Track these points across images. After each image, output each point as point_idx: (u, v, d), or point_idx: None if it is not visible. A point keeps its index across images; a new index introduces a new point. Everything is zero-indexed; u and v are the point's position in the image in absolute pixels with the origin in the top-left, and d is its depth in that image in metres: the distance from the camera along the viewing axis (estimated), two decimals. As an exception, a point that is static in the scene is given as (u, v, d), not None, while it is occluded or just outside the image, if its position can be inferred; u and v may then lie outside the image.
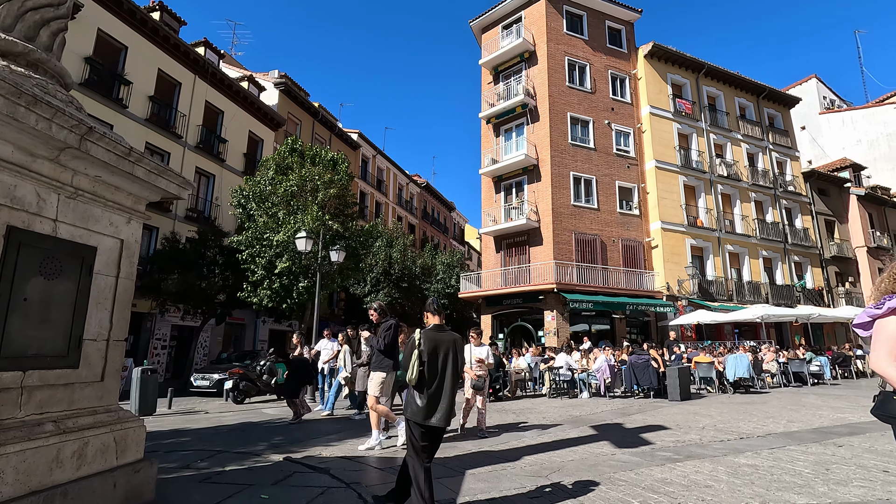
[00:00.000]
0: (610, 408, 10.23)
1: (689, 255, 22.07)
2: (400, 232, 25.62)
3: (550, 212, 20.23)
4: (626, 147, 22.90)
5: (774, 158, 26.80)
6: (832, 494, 4.00)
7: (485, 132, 23.86)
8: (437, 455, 5.02)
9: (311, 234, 13.37)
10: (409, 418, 3.56)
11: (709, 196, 23.63)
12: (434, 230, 40.32)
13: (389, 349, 6.12)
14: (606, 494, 4.10)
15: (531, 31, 22.62)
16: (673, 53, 24.17)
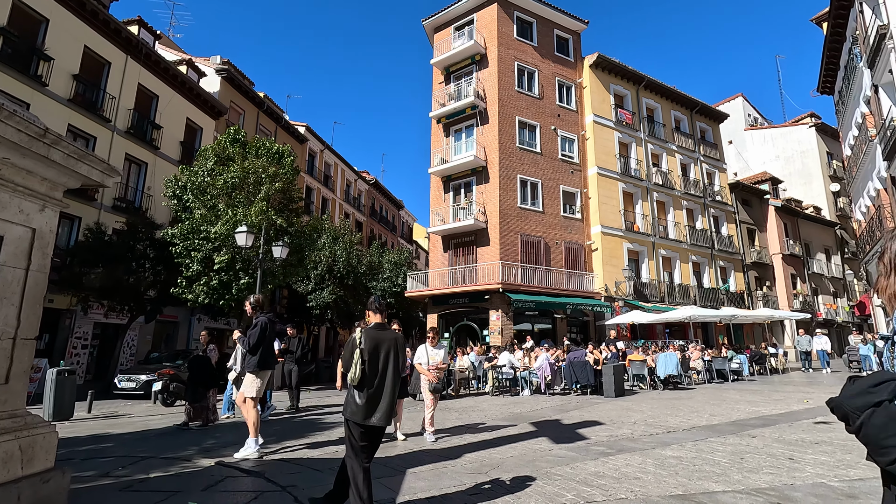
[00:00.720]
0: (549, 405, 10.54)
1: (626, 258, 23.16)
2: (347, 229, 25.16)
3: (498, 213, 20.59)
4: (571, 153, 23.71)
5: (705, 169, 28.66)
6: (745, 481, 4.32)
7: (435, 131, 23.91)
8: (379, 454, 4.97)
9: (252, 228, 12.85)
10: (349, 418, 3.50)
11: (645, 203, 24.91)
12: (382, 228, 39.94)
13: (256, 349, 5.82)
14: (543, 489, 4.22)
15: (483, 34, 22.91)
16: (616, 65, 25.27)
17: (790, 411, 8.72)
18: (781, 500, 3.80)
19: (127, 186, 18.73)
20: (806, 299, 31.29)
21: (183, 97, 21.33)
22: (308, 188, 29.71)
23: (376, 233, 38.23)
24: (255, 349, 5.85)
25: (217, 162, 15.66)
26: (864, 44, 17.07)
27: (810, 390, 12.43)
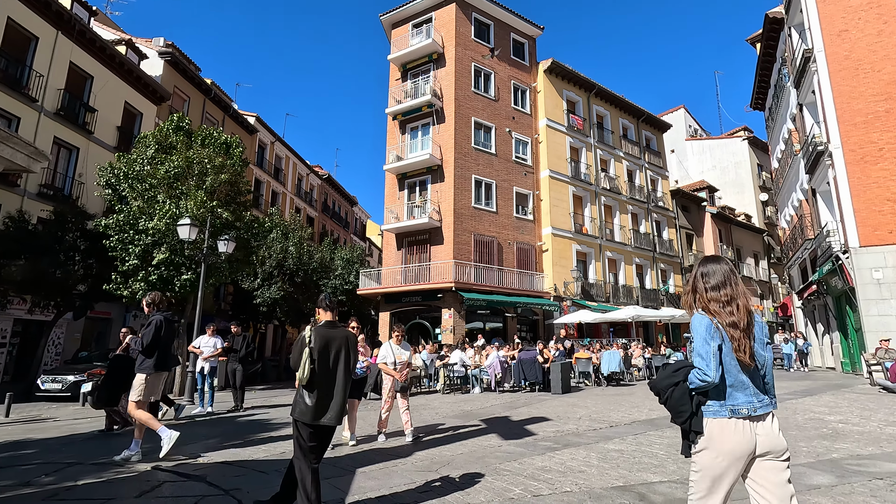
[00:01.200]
0: (499, 402, 10.73)
1: (574, 259, 23.93)
2: (298, 224, 24.45)
3: (452, 212, 20.71)
4: (524, 155, 24.20)
5: (649, 176, 30.06)
6: (680, 472, 4.58)
7: (391, 128, 23.73)
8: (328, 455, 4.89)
9: (196, 221, 12.25)
10: (298, 418, 3.41)
11: (594, 206, 25.82)
12: (334, 224, 39.19)
13: (150, 350, 5.46)
14: (491, 484, 4.29)
15: (441, 33, 22.95)
16: (569, 72, 26.02)
17: (721, 405, 9.30)
18: (712, 488, 4.05)
19: (55, 172, 17.36)
20: (736, 301, 33.47)
21: (121, 79, 20.00)
22: (257, 181, 28.68)
23: (329, 229, 37.47)
24: (149, 350, 5.45)
25: (158, 150, 14.80)
26: (791, 65, 18.49)
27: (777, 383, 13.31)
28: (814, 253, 18.06)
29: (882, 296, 13.67)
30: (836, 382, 13.52)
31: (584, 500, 3.79)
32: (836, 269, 15.04)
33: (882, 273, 13.73)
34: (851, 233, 14.23)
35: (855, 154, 14.50)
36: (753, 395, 2.13)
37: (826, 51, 15.34)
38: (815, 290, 18.29)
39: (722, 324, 2.19)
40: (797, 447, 5.48)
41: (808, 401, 9.63)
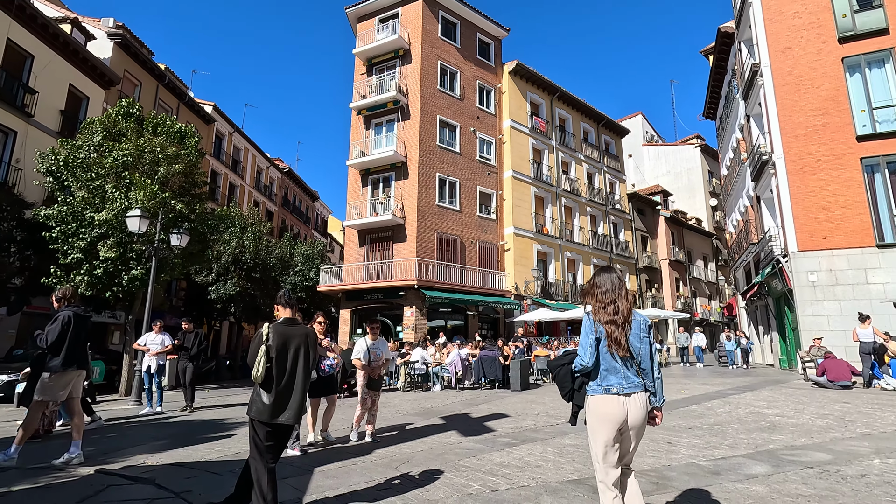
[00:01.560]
0: (459, 399, 10.82)
1: (535, 259, 24.39)
2: (256, 218, 23.76)
3: (416, 210, 20.67)
4: (488, 155, 24.44)
5: (607, 179, 30.99)
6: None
7: (355, 123, 23.42)
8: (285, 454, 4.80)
9: (147, 213, 11.70)
10: (254, 417, 3.34)
11: (555, 207, 26.39)
12: (295, 219, 38.32)
13: (57, 347, 5.20)
14: (451, 481, 4.34)
15: (407, 29, 22.82)
16: (533, 74, 26.44)
17: (670, 401, 9.72)
18: (660, 479, 4.25)
19: (-11, 157, 16.14)
20: (686, 301, 35.08)
21: (66, 60, 18.80)
22: (214, 172, 27.67)
23: (289, 224, 36.61)
24: (55, 347, 5.16)
25: (106, 137, 14.03)
26: (740, 78, 19.49)
27: (687, 382, 13.97)
28: (757, 256, 19.13)
29: (816, 297, 14.64)
30: (775, 378, 14.39)
31: (541, 494, 3.89)
32: (776, 271, 15.99)
33: (816, 276, 14.70)
34: (791, 238, 15.16)
35: (795, 164, 15.44)
36: (624, 377, 2.68)
37: (771, 66, 16.24)
38: (757, 291, 19.38)
39: (601, 321, 2.73)
40: (738, 440, 5.81)
41: (749, 396, 10.20)
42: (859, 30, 15.28)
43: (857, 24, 15.36)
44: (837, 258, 14.51)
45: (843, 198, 14.71)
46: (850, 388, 11.16)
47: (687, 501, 3.67)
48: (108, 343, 19.29)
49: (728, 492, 3.86)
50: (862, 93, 15.07)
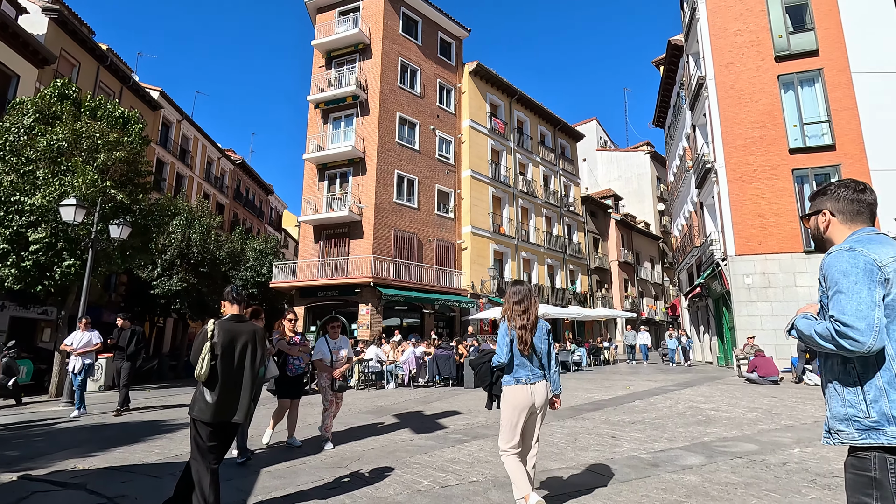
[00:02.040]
0: (413, 397, 10.82)
1: (491, 258, 24.71)
2: (206, 211, 22.77)
3: (373, 206, 20.47)
4: (447, 154, 24.53)
5: (562, 182, 31.81)
6: (577, 459, 4.93)
7: (312, 116, 22.92)
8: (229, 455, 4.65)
9: (84, 202, 10.99)
10: (196, 417, 3.22)
11: (511, 208, 26.83)
12: (247, 213, 37.05)
13: None
14: (401, 478, 4.34)
15: (368, 24, 22.54)
16: (493, 76, 26.75)
17: (616, 396, 10.13)
18: (603, 472, 4.42)
19: None
20: (634, 301, 36.56)
21: (-7, 34, 17.33)
22: (160, 162, 26.33)
23: (241, 217, 35.36)
24: None
25: (39, 119, 13.06)
26: (688, 89, 20.49)
27: (632, 378, 14.57)
28: (699, 259, 20.20)
29: (751, 299, 15.63)
30: (712, 375, 15.25)
31: (489, 489, 3.96)
32: (716, 274, 16.96)
33: (751, 279, 15.70)
34: (729, 242, 16.10)
35: (735, 173, 16.41)
36: (530, 371, 3.36)
37: (716, 79, 17.18)
38: (699, 292, 20.47)
39: (514, 326, 3.38)
40: (677, 433, 6.12)
41: (688, 391, 10.77)
42: (793, 50, 16.41)
43: (791, 45, 16.49)
44: (770, 262, 15.54)
45: (777, 206, 15.77)
46: (777, 383, 11.99)
47: (627, 492, 3.84)
48: (38, 341, 18.00)
49: (665, 482, 4.07)
50: (794, 109, 16.20)
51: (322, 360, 5.74)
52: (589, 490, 3.90)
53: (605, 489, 3.93)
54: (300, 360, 5.77)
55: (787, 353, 13.83)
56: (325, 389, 5.73)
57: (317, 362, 5.76)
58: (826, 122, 15.71)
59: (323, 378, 5.75)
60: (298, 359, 5.75)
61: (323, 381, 5.76)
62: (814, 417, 7.10)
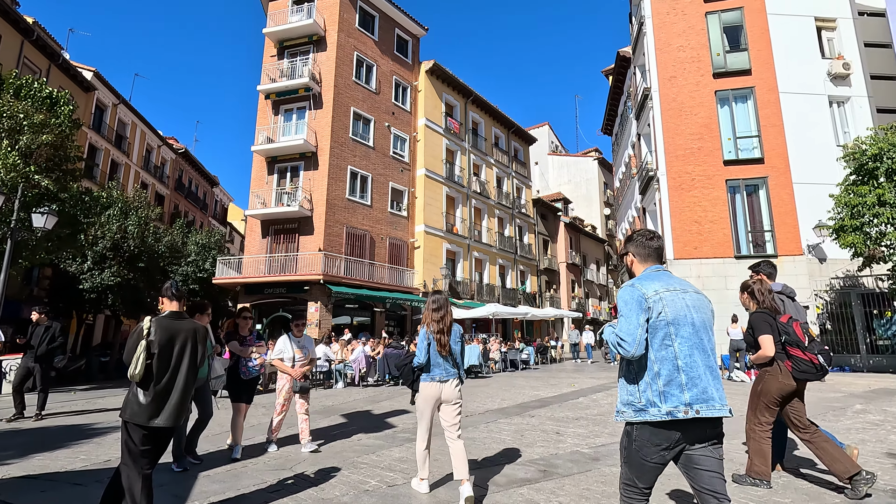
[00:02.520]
0: (362, 396, 10.69)
1: (444, 257, 24.82)
2: (143, 201, 21.45)
3: (325, 202, 20.04)
4: (402, 152, 24.40)
5: (515, 184, 32.43)
6: (523, 454, 5.05)
7: (262, 107, 22.14)
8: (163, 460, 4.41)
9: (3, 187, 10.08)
10: (129, 420, 3.03)
11: (465, 208, 27.06)
12: (190, 205, 35.27)
13: None
14: (348, 478, 4.28)
15: (323, 15, 22.03)
16: (449, 76, 26.86)
17: (561, 394, 10.45)
18: (548, 467, 4.55)
19: None
20: (580, 301, 37.84)
21: None
22: (93, 147, 24.57)
23: (183, 209, 33.60)
24: None
25: (-50, 95, 11.85)
26: (634, 99, 21.44)
27: (577, 376, 15.08)
28: (641, 262, 21.18)
29: (687, 300, 16.58)
30: (650, 372, 16.02)
31: (436, 486, 3.98)
32: (656, 276, 17.85)
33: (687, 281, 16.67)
34: (669, 247, 16.99)
35: (675, 181, 17.34)
36: (444, 370, 3.85)
37: (660, 92, 18.08)
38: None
39: (431, 332, 3.86)
40: (618, 428, 6.38)
41: (629, 388, 11.26)
42: (729, 68, 17.53)
43: (727, 63, 17.61)
44: (705, 266, 16.54)
45: (711, 214, 16.79)
46: (709, 380, 12.75)
47: (570, 486, 3.97)
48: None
49: (605, 476, 4.24)
50: (729, 123, 17.32)
51: (282, 359, 5.49)
52: (534, 484, 4.01)
53: (549, 483, 4.04)
54: (254, 361, 5.36)
55: (719, 351, 14.77)
56: (281, 391, 5.44)
57: (276, 362, 5.49)
58: (756, 137, 16.91)
59: (282, 378, 5.49)
60: (252, 360, 5.34)
61: (281, 381, 5.48)
62: (739, 412, 7.61)
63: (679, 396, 2.11)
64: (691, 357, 2.16)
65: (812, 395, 9.31)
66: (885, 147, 11.83)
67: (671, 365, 2.16)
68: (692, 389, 2.11)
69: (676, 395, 2.11)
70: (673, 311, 2.20)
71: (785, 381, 3.82)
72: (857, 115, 16.85)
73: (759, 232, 16.53)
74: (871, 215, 11.75)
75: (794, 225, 16.14)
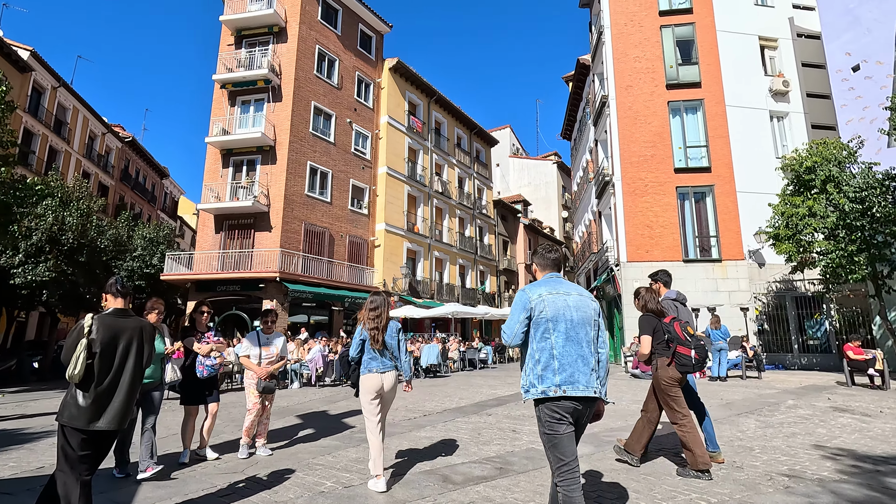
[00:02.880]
0: (319, 396, 10.51)
1: (405, 256, 24.73)
2: (85, 191, 20.19)
3: (283, 198, 19.53)
4: (364, 149, 24.12)
5: (476, 185, 32.70)
6: (480, 453, 5.11)
7: (217, 97, 21.32)
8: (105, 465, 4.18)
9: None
10: (66, 423, 2.85)
11: (426, 207, 27.05)
12: (137, 196, 33.53)
13: None
14: (302, 480, 4.20)
15: (284, 6, 21.46)
16: (413, 74, 26.77)
17: (518, 392, 10.63)
18: (504, 465, 4.62)
19: None
20: (538, 302, 38.62)
21: None
22: (28, 132, 22.95)
23: (129, 201, 31.91)
24: None
25: None
26: (592, 106, 22.08)
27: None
28: (596, 264, 21.86)
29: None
30: (603, 371, 16.56)
31: (393, 486, 3.96)
32: (610, 278, 18.46)
33: (639, 284, 17.31)
34: (622, 250, 17.62)
35: (629, 187, 17.99)
36: (381, 363, 4.12)
37: (617, 100, 18.72)
38: (595, 295, 22.15)
39: (367, 328, 4.14)
40: (570, 425, 6.56)
41: (582, 386, 11.59)
42: (681, 80, 18.36)
43: (679, 75, 18.43)
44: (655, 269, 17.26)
45: (663, 219, 17.54)
46: (657, 378, 13.33)
47: (525, 483, 4.05)
48: None
49: (558, 471, 4.35)
50: (680, 132, 18.14)
51: (248, 355, 5.20)
52: (490, 481, 4.06)
53: (505, 480, 4.11)
54: (213, 359, 5.00)
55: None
56: (250, 392, 5.16)
57: (243, 359, 5.21)
58: (705, 147, 17.79)
59: (248, 377, 5.20)
60: (211, 357, 5.00)
61: (248, 380, 5.20)
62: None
63: (552, 379, 2.59)
64: (565, 348, 2.62)
65: (750, 392, 9.90)
66: (818, 161, 12.73)
67: (548, 353, 2.62)
68: (562, 373, 2.58)
69: (550, 377, 2.59)
70: (553, 310, 2.67)
71: (671, 373, 4.32)
72: (795, 130, 18.04)
73: (705, 237, 17.40)
74: (803, 225, 12.61)
75: (737, 231, 17.10)
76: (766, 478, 4.08)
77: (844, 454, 4.85)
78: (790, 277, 16.12)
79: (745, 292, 16.72)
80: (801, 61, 18.57)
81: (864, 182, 11.74)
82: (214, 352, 5.06)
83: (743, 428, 6.28)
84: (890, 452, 4.93)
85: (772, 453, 4.92)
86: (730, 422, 6.71)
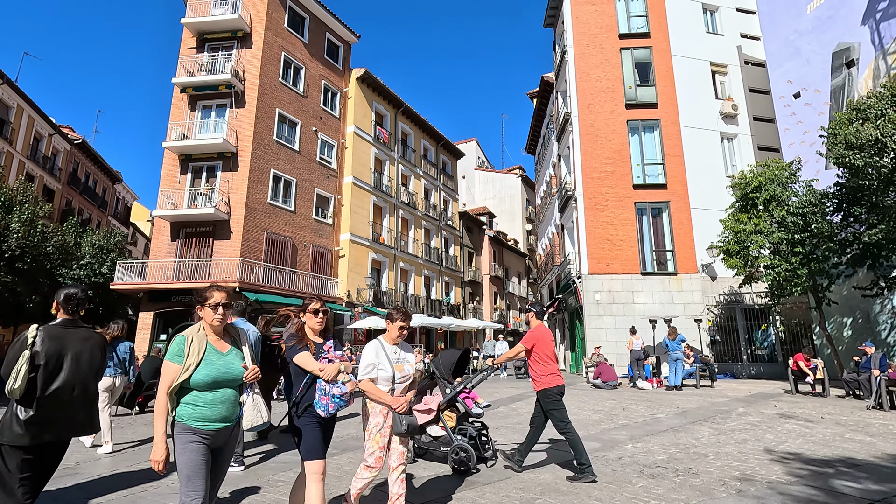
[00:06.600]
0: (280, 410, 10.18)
1: (370, 267, 24.50)
2: (29, 195, 19.06)
3: (244, 206, 19.04)
4: (329, 158, 23.87)
5: (442, 196, 32.89)
6: (438, 466, 5.08)
7: (177, 101, 20.66)
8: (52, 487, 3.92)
9: None
10: (6, 442, 2.67)
11: (392, 218, 26.96)
12: (86, 201, 31.88)
13: None
14: (263, 497, 4.07)
15: (249, 11, 21.14)
16: (380, 85, 26.81)
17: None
18: (469, 476, 4.61)
19: None
20: (502, 313, 38.99)
21: None
22: (-34, 131, 21.49)
23: (77, 206, 30.29)
24: None
25: None
26: (556, 122, 22.71)
27: (496, 387, 15.46)
28: (559, 276, 22.31)
29: (599, 313, 17.68)
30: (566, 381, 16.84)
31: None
32: (572, 290, 18.87)
33: (600, 296, 17.79)
34: (584, 263, 18.08)
35: (591, 201, 18.54)
36: None
37: (579, 117, 19.32)
38: (557, 306, 22.57)
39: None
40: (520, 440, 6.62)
41: (546, 397, 11.75)
42: (639, 100, 19.16)
43: (638, 96, 19.23)
44: (615, 281, 17.76)
45: (622, 233, 18.12)
46: (616, 387, 13.68)
47: (490, 494, 4.06)
48: None
49: (523, 482, 4.39)
50: (639, 150, 18.88)
51: (374, 379, 3.38)
52: (453, 493, 4.05)
53: (469, 492, 4.11)
54: (342, 386, 3.04)
55: (625, 361, 15.88)
56: (373, 432, 3.37)
57: (367, 385, 3.37)
58: (661, 165, 18.57)
59: (376, 413, 3.40)
60: (339, 384, 3.04)
61: (374, 413, 3.40)
62: (643, 417, 8.23)
63: None
64: None
65: (703, 400, 10.30)
66: (763, 181, 13.53)
67: None
68: None
69: None
70: None
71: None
72: (743, 151, 19.11)
73: (661, 251, 18.09)
74: (750, 240, 13.33)
75: (691, 246, 17.87)
76: (720, 483, 4.25)
77: (791, 458, 5.11)
78: (739, 290, 16.94)
79: (699, 304, 17.44)
80: (749, 87, 19.75)
81: (805, 199, 12.56)
82: (342, 374, 3.09)
83: (698, 435, 6.52)
84: (831, 455, 5.24)
85: (725, 459, 5.13)
86: (686, 429, 6.96)
